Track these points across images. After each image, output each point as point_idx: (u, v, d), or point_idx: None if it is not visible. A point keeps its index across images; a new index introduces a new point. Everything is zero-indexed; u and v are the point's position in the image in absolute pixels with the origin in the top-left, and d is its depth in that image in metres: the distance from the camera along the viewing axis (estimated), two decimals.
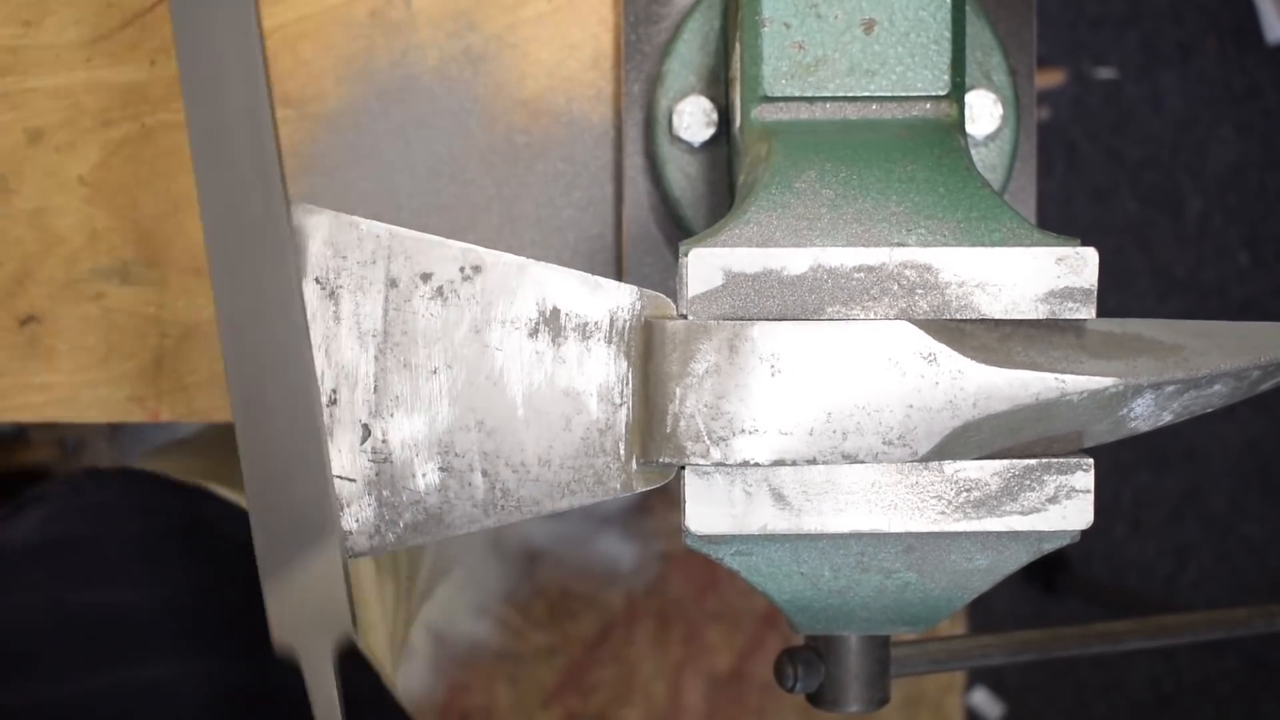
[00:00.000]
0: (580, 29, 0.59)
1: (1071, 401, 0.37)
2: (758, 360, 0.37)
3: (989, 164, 0.54)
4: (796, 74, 0.43)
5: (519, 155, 0.59)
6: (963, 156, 0.41)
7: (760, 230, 0.39)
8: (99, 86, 0.59)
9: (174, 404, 0.60)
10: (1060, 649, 0.54)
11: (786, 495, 0.38)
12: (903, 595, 0.41)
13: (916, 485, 0.39)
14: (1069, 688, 1.63)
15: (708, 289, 0.38)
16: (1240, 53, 1.56)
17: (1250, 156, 1.57)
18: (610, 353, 0.39)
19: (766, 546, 0.40)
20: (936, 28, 0.43)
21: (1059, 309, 0.38)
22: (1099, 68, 1.55)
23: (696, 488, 0.38)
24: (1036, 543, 0.40)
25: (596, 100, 0.59)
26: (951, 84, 0.43)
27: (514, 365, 0.39)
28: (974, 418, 0.37)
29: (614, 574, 1.52)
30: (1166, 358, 0.38)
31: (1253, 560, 1.63)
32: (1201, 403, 0.39)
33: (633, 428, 0.39)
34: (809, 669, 0.45)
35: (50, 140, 0.59)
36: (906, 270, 0.38)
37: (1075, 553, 1.54)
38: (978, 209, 0.39)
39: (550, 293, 0.39)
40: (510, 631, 1.52)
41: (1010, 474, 0.39)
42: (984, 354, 0.37)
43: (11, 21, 0.58)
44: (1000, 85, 0.54)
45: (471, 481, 0.39)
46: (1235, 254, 1.59)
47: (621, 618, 1.52)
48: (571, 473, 0.39)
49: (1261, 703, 1.64)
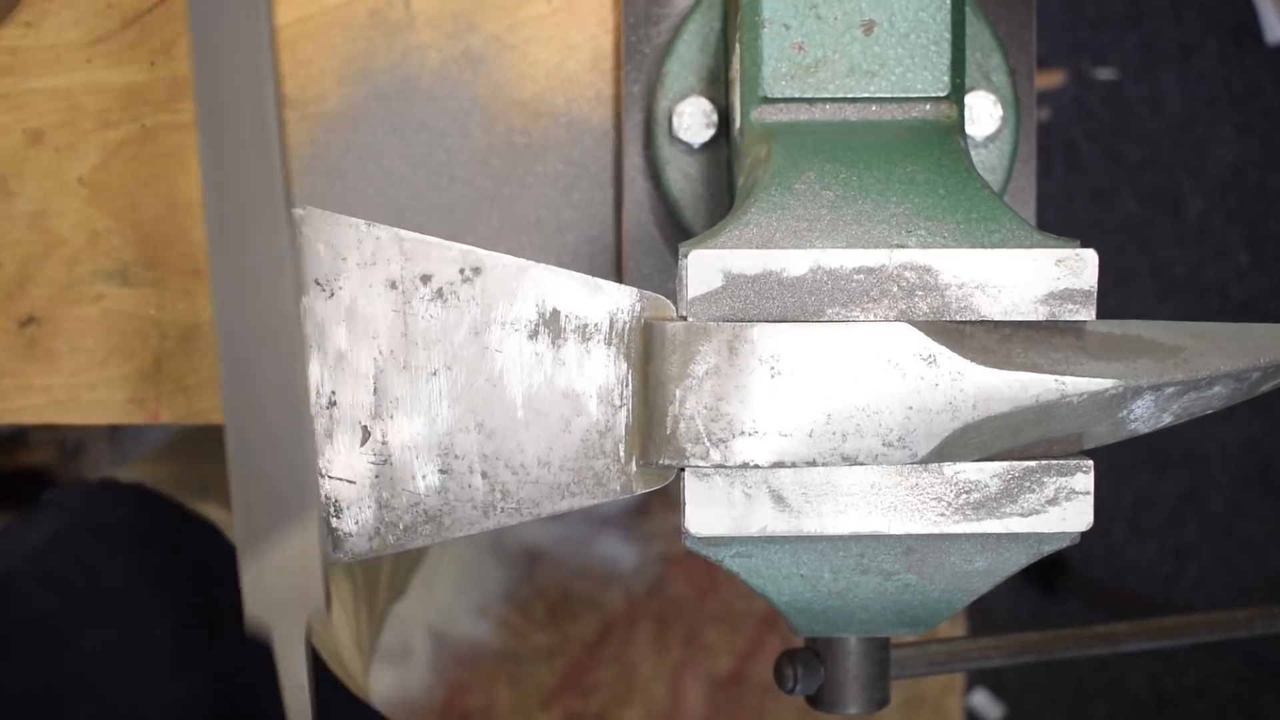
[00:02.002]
0: (580, 30, 0.59)
1: (1071, 403, 0.37)
2: (757, 362, 0.37)
3: (989, 165, 0.54)
4: (796, 75, 0.43)
5: (519, 156, 0.59)
6: (962, 158, 0.41)
7: (760, 232, 0.39)
8: (99, 87, 0.59)
9: (174, 405, 0.60)
10: (1060, 650, 0.54)
11: (786, 497, 0.38)
12: (902, 597, 0.41)
13: (916, 487, 0.39)
14: (1069, 689, 1.63)
15: (707, 290, 0.38)
16: (1240, 53, 1.56)
17: (1250, 156, 1.57)
18: (610, 354, 0.39)
19: (766, 548, 0.40)
20: (936, 29, 0.43)
21: (1059, 311, 0.38)
22: (1099, 68, 1.55)
23: (696, 489, 0.38)
24: (1036, 544, 0.40)
25: (596, 101, 0.59)
26: (951, 85, 0.43)
27: (514, 367, 0.39)
28: (974, 419, 0.37)
29: (614, 575, 1.52)
30: (1166, 359, 0.38)
31: (1253, 560, 1.63)
32: (1201, 404, 0.39)
33: (632, 429, 0.39)
34: (809, 671, 0.45)
35: (50, 141, 0.59)
36: (906, 272, 0.38)
37: (1075, 554, 1.54)
38: (977, 210, 0.39)
39: (550, 294, 0.39)
40: (510, 631, 1.52)
41: (1010, 476, 0.39)
42: (984, 356, 0.37)
43: (11, 22, 0.58)
44: (1000, 86, 0.54)
45: (471, 483, 0.39)
46: (1235, 254, 1.59)
47: (621, 619, 1.52)
48: (571, 474, 0.39)
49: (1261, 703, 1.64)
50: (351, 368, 0.38)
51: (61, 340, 0.60)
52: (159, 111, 0.59)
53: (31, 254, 0.59)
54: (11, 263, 0.59)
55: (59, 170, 0.59)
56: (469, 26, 0.59)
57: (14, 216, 0.59)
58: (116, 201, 0.59)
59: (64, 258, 0.59)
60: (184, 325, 0.60)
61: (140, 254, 0.59)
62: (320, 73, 0.59)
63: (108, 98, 0.59)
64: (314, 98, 0.59)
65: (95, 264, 0.59)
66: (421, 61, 0.59)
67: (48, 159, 0.59)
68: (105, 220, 0.59)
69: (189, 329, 0.60)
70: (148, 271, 0.59)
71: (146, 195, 0.59)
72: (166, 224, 0.59)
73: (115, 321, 0.60)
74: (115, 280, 0.59)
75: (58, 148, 0.59)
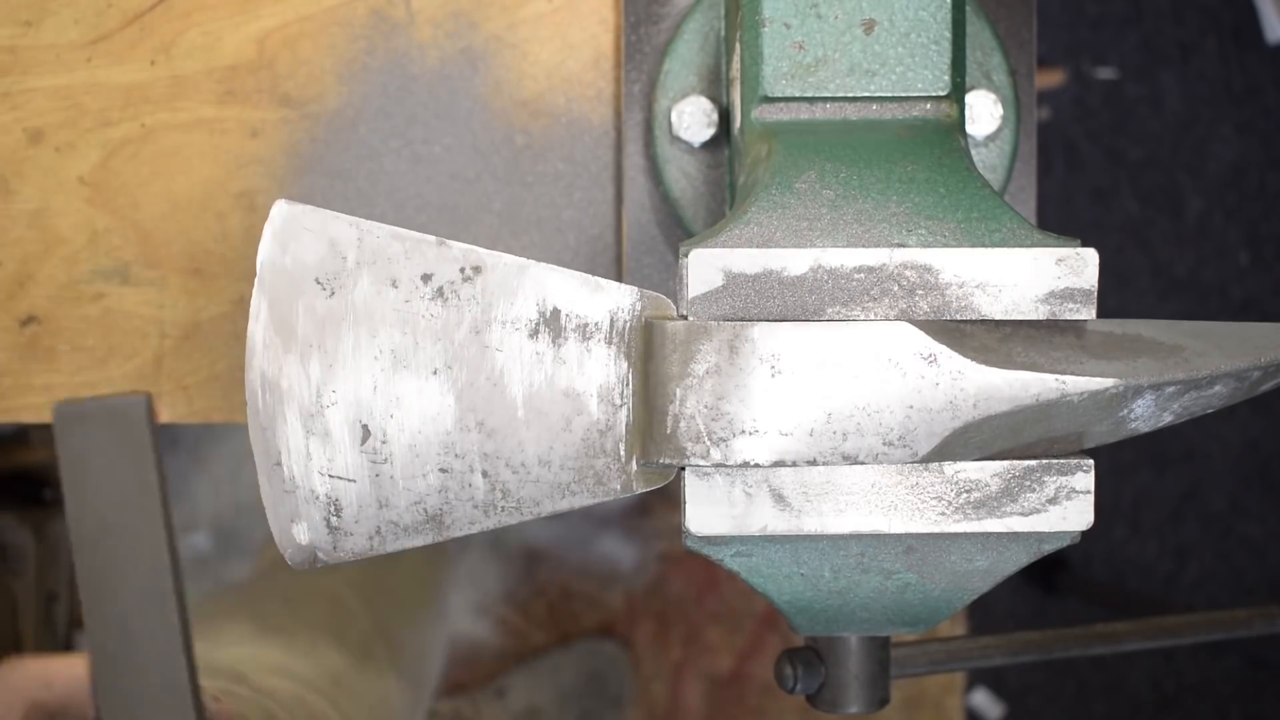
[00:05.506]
0: (580, 29, 0.59)
1: (1072, 402, 0.37)
2: (758, 361, 0.37)
3: (989, 164, 0.54)
4: (797, 74, 0.43)
5: (519, 155, 0.59)
6: (963, 157, 0.41)
7: (760, 231, 0.39)
8: (99, 86, 0.59)
9: (174, 404, 0.60)
10: (1060, 650, 0.54)
11: (786, 496, 0.38)
12: (903, 596, 0.41)
13: (916, 486, 0.39)
14: (1069, 688, 1.62)
15: (708, 290, 0.38)
16: (1240, 53, 1.56)
17: (1250, 156, 1.57)
18: (610, 353, 0.39)
19: (766, 547, 0.40)
20: (936, 28, 0.43)
21: (1059, 310, 0.38)
22: (1099, 68, 1.55)
23: (696, 489, 0.38)
24: (1036, 543, 0.40)
25: (596, 100, 0.59)
26: (951, 84, 0.43)
27: (514, 366, 0.39)
28: (974, 418, 0.37)
29: (614, 574, 1.52)
30: (1167, 358, 0.38)
31: (1253, 560, 1.63)
32: (1202, 403, 0.39)
33: (633, 428, 0.39)
34: (809, 670, 0.45)
35: (50, 140, 0.59)
36: (907, 271, 0.38)
37: (1075, 553, 1.54)
38: (978, 209, 0.39)
39: (550, 293, 0.39)
40: (510, 631, 1.52)
41: (1010, 475, 0.39)
42: (984, 355, 0.37)
43: (11, 21, 0.58)
44: (1000, 85, 0.54)
45: (471, 482, 0.39)
46: (1235, 254, 1.59)
47: (622, 618, 1.52)
48: (572, 474, 0.39)
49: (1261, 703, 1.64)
50: (352, 367, 0.38)
51: (61, 340, 0.60)
52: (159, 111, 0.59)
53: (32, 253, 0.59)
54: (12, 262, 0.59)
55: (59, 170, 0.59)
56: (469, 25, 0.59)
57: (14, 216, 0.59)
58: (116, 201, 0.59)
59: (64, 257, 0.59)
60: (184, 324, 0.60)
61: (140, 253, 0.59)
62: (320, 72, 0.59)
63: (108, 97, 0.59)
64: (314, 97, 0.59)
65: (95, 263, 0.59)
66: (422, 61, 0.59)
67: (48, 158, 0.59)
68: (105, 220, 0.59)
69: (189, 328, 0.60)
70: (148, 271, 0.59)
71: (146, 195, 0.59)
72: (166, 223, 0.59)
73: (115, 321, 0.60)
74: (115, 280, 0.59)
75: (58, 147, 0.59)
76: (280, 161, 0.59)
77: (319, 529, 0.39)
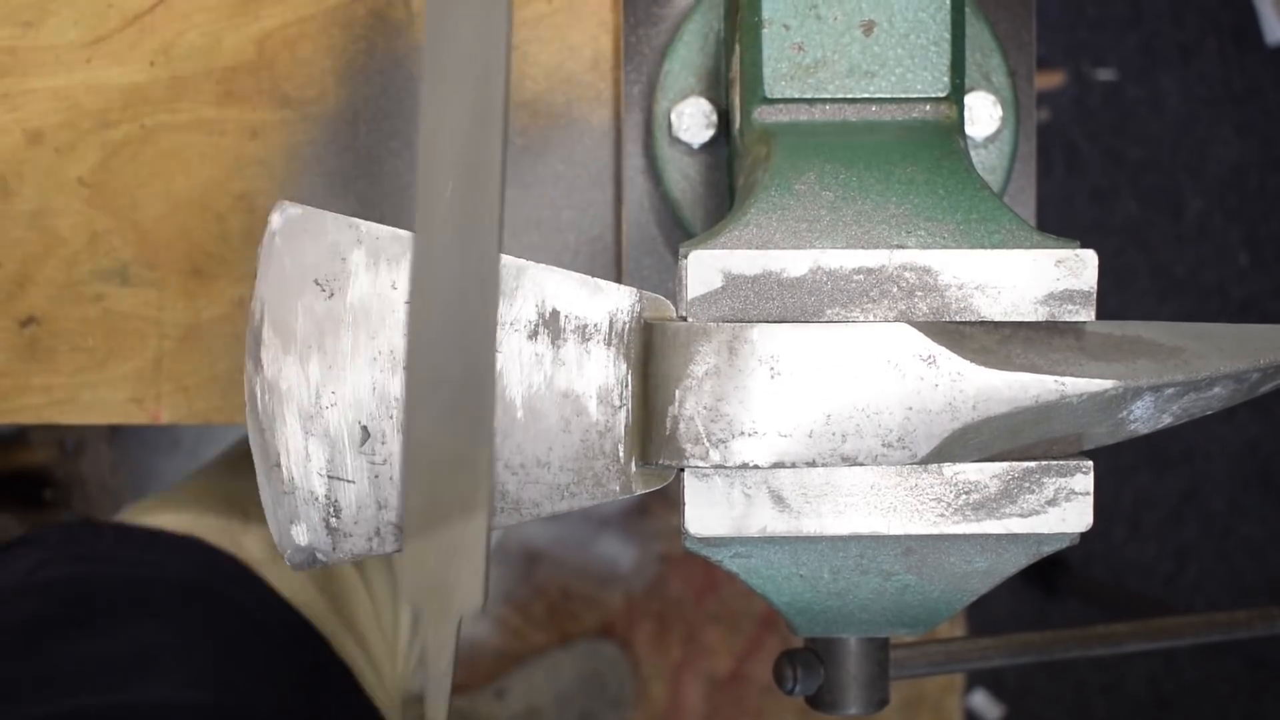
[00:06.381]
0: (580, 30, 0.59)
1: (1071, 404, 0.37)
2: (757, 362, 0.37)
3: (988, 165, 0.54)
4: (796, 75, 0.43)
5: (519, 157, 0.59)
6: (962, 158, 0.41)
7: (760, 232, 0.39)
8: (99, 87, 0.59)
9: (174, 406, 0.60)
10: (1060, 651, 0.54)
11: (786, 497, 0.38)
12: (902, 597, 0.41)
13: (916, 488, 0.39)
14: (1069, 689, 1.63)
15: (707, 291, 0.38)
16: (1240, 53, 1.56)
17: (1250, 156, 1.57)
18: (609, 355, 0.39)
19: (766, 549, 0.40)
20: (936, 29, 0.43)
21: (1058, 311, 0.38)
22: (1099, 69, 1.55)
23: (696, 490, 0.38)
24: (1036, 545, 0.40)
25: (596, 102, 0.59)
26: (951, 86, 0.43)
27: (513, 367, 0.39)
28: (973, 420, 0.37)
29: (614, 575, 1.52)
30: (1166, 360, 0.38)
31: (1253, 561, 1.63)
32: (1201, 405, 0.39)
33: (632, 430, 0.39)
34: (808, 671, 0.45)
35: (50, 141, 0.59)
36: (906, 272, 0.38)
37: (1075, 554, 1.54)
38: (977, 211, 0.39)
39: (549, 294, 0.39)
40: (510, 631, 1.52)
41: (1009, 476, 0.39)
42: (983, 356, 0.37)
43: (11, 22, 0.58)
44: (1000, 87, 0.54)
45: None
46: (1235, 254, 1.59)
47: (621, 618, 1.52)
48: (571, 475, 0.39)
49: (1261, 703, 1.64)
50: (351, 368, 0.38)
51: (61, 340, 0.60)
52: (159, 111, 0.59)
53: (31, 254, 0.59)
54: (11, 263, 0.59)
55: (59, 170, 0.59)
56: None
57: (14, 216, 0.59)
58: (116, 201, 0.59)
59: (64, 258, 0.59)
60: (184, 325, 0.60)
61: (140, 254, 0.59)
62: (320, 73, 0.59)
63: (108, 98, 0.59)
64: (314, 98, 0.59)
65: (95, 264, 0.59)
66: (422, 61, 0.59)
67: (48, 159, 0.59)
68: (105, 220, 0.59)
69: (189, 329, 0.60)
70: (148, 271, 0.59)
71: (146, 195, 0.59)
72: (166, 224, 0.59)
73: (115, 321, 0.60)
74: (115, 280, 0.59)
75: (58, 148, 0.59)
76: (280, 162, 0.59)
77: (318, 530, 0.39)
